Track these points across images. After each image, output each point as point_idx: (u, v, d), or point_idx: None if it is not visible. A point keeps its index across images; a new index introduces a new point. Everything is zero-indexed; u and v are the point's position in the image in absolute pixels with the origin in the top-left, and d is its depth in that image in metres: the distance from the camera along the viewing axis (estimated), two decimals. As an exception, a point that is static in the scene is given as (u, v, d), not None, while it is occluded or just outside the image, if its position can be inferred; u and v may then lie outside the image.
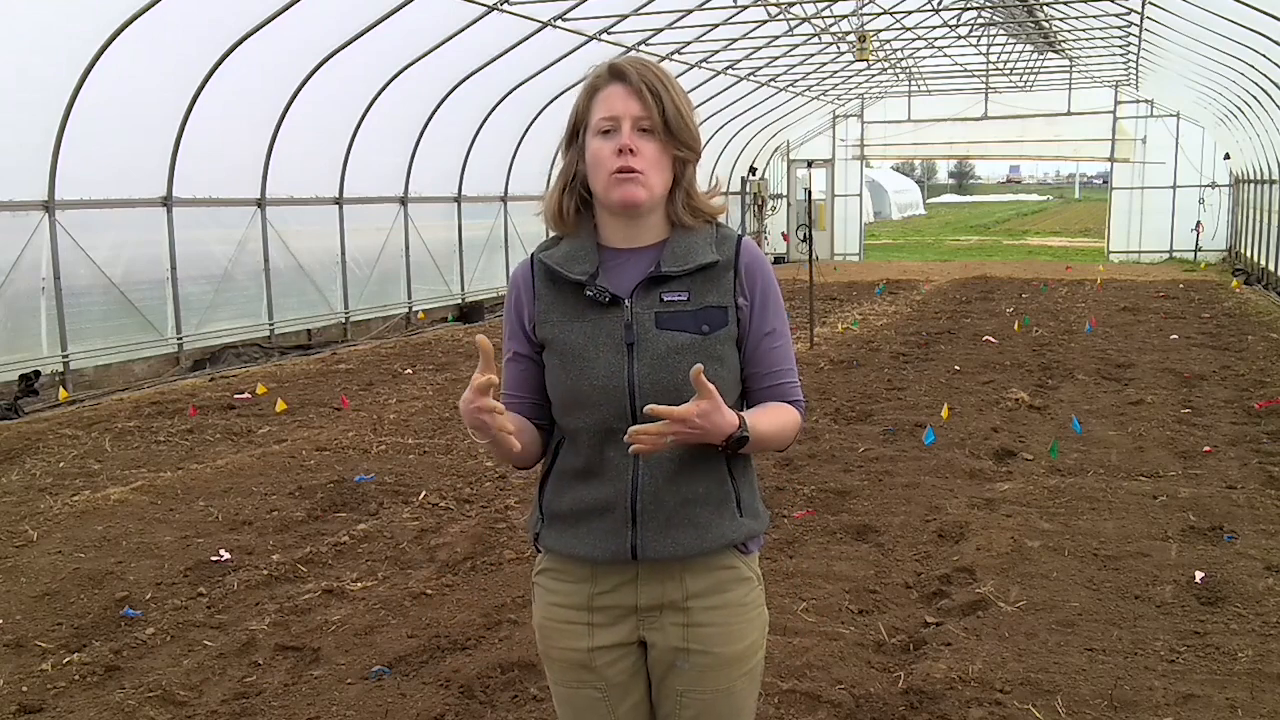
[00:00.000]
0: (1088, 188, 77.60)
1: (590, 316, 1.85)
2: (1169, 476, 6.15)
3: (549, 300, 1.89)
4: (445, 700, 3.60)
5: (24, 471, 6.71)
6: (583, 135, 1.87)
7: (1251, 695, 3.52)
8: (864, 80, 21.52)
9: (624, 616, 1.91)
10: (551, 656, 1.97)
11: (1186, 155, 21.42)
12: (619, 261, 1.88)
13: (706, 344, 1.83)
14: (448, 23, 11.49)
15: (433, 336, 12.98)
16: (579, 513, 1.88)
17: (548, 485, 1.94)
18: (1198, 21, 12.47)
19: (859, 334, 12.30)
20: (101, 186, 9.64)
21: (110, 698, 3.68)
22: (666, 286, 1.84)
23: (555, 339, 1.87)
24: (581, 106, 1.88)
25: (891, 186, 53.40)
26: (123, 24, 8.82)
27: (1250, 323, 12.43)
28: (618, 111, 1.81)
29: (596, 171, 1.83)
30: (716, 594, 1.90)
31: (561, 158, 1.94)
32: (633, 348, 1.82)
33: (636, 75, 1.82)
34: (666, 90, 1.82)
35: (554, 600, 1.94)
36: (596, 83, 1.87)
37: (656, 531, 1.83)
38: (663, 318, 1.82)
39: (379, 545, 5.22)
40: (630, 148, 1.79)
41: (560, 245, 1.92)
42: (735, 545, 1.90)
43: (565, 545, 1.90)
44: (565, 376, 1.85)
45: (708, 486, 1.86)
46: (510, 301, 1.96)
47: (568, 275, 1.86)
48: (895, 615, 4.29)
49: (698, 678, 1.90)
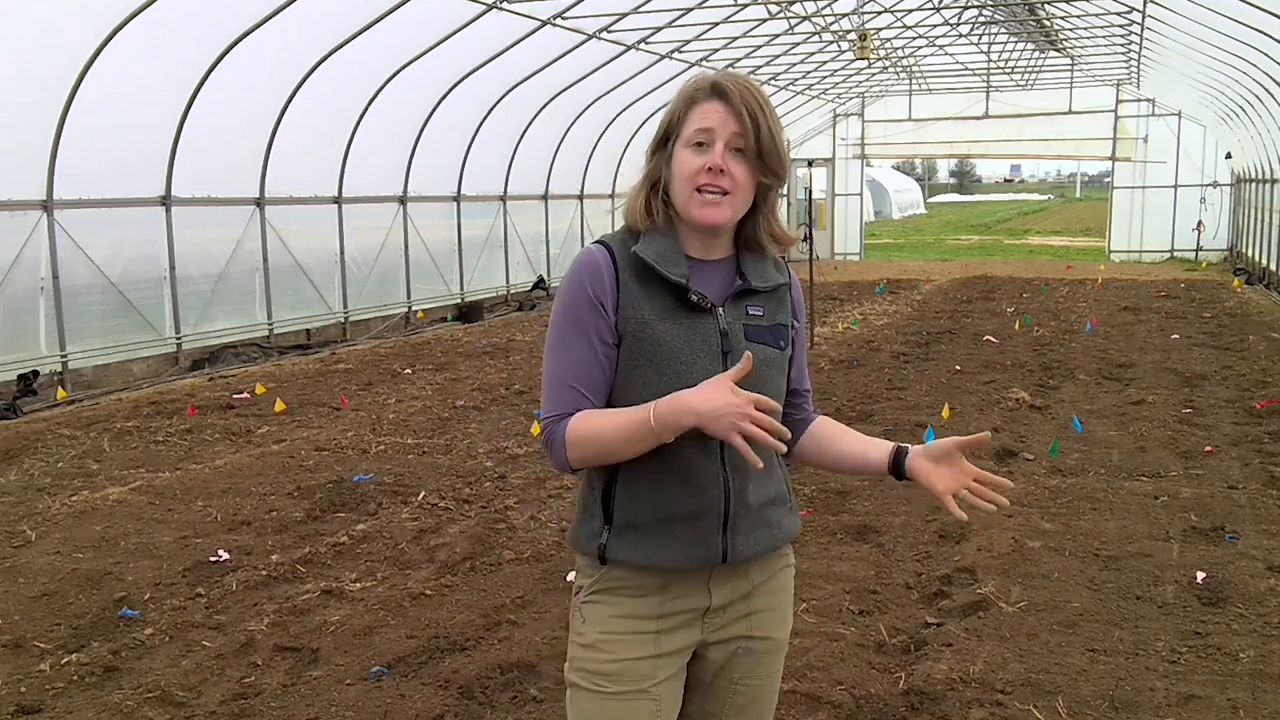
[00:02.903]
0: (1089, 187, 77.56)
1: (683, 320, 1.83)
2: (1170, 477, 6.14)
3: (638, 295, 1.83)
4: (444, 701, 3.59)
5: (22, 471, 6.69)
6: (672, 144, 1.86)
7: (1253, 696, 3.50)
8: (864, 79, 21.51)
9: (692, 620, 1.90)
10: (604, 671, 1.86)
11: (1188, 154, 21.40)
12: (700, 270, 1.88)
13: (782, 359, 1.92)
14: (447, 21, 11.48)
15: (432, 336, 12.97)
16: (663, 521, 1.83)
17: (616, 494, 1.86)
18: (1199, 20, 12.46)
19: (859, 333, 12.28)
20: (100, 186, 9.62)
21: (109, 698, 3.67)
22: (750, 300, 1.90)
23: (645, 337, 1.82)
24: (677, 115, 1.86)
25: (892, 186, 53.37)
26: (121, 23, 8.81)
27: (1251, 322, 12.41)
28: (713, 126, 1.80)
29: (681, 183, 1.83)
30: (773, 581, 1.98)
31: (646, 161, 1.92)
32: (728, 356, 1.84)
33: (738, 95, 1.81)
34: (764, 114, 1.81)
35: (618, 613, 1.88)
36: (696, 95, 1.85)
37: (744, 534, 1.87)
38: (750, 330, 1.88)
39: (378, 546, 5.21)
40: (721, 167, 1.80)
41: (648, 241, 1.86)
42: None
43: (644, 556, 1.84)
44: (658, 378, 1.81)
45: (776, 487, 1.94)
46: (582, 288, 1.84)
47: (668, 276, 1.83)
48: (896, 616, 4.28)
49: (755, 664, 1.96)
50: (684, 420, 1.72)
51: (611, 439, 1.78)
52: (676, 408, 1.72)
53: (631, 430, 1.76)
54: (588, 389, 1.83)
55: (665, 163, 1.87)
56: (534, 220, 16.83)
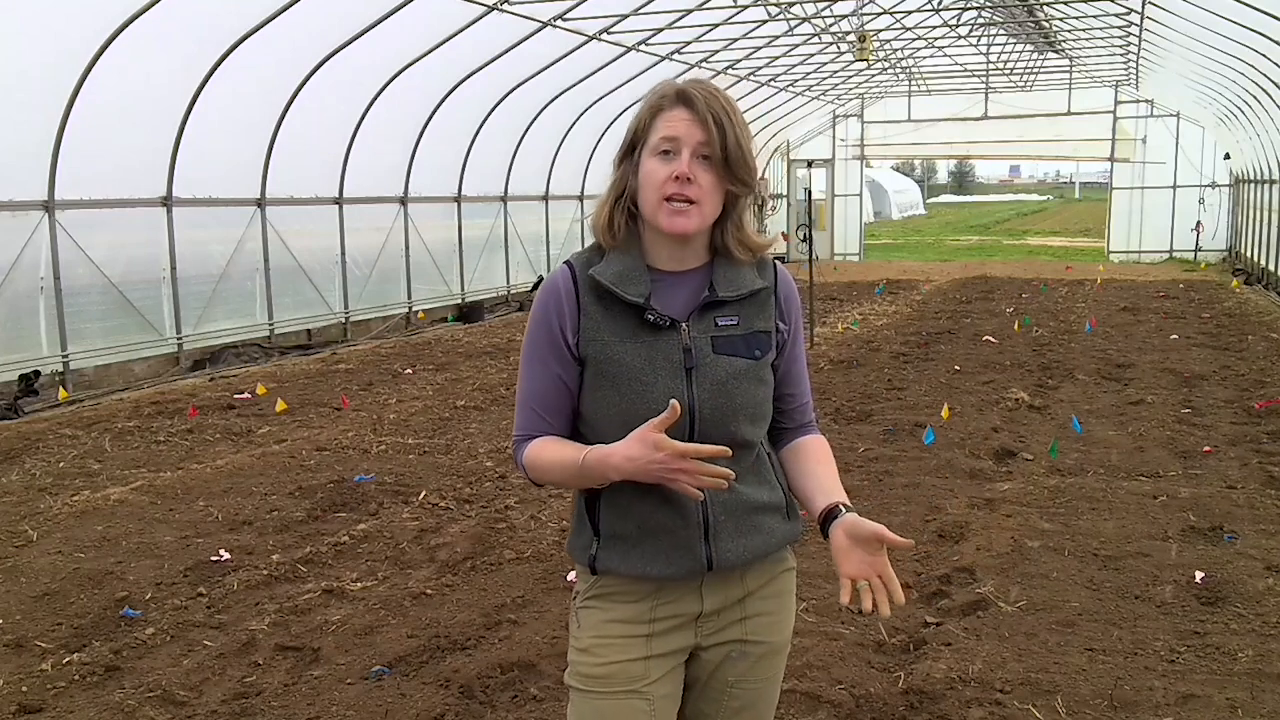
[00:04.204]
0: (1088, 188, 77.55)
1: (644, 338, 1.82)
2: (1169, 476, 6.15)
3: (598, 317, 1.84)
4: (445, 700, 3.60)
5: (24, 471, 6.70)
6: (639, 152, 1.85)
7: (1252, 695, 3.51)
8: (864, 80, 21.52)
9: (685, 624, 1.91)
10: (597, 675, 1.88)
11: (1186, 155, 21.41)
12: (667, 284, 1.87)
13: (758, 368, 1.88)
14: (448, 22, 11.49)
15: (432, 336, 12.98)
16: (646, 531, 1.85)
17: (600, 507, 1.88)
18: (1198, 21, 12.47)
19: (859, 334, 12.29)
20: (101, 186, 9.64)
21: (110, 698, 3.68)
22: (720, 311, 1.87)
23: (606, 358, 1.82)
24: (643, 123, 1.85)
25: (891, 186, 53.39)
26: (123, 24, 8.82)
27: (1250, 323, 12.43)
28: (679, 135, 1.80)
29: (648, 192, 1.82)
30: (771, 585, 1.96)
31: (614, 170, 1.90)
32: (692, 372, 1.82)
33: (703, 103, 1.80)
34: (730, 121, 1.80)
35: (611, 618, 1.89)
36: (661, 103, 1.83)
37: (729, 541, 1.86)
38: (718, 342, 1.85)
39: (379, 545, 5.22)
40: (688, 175, 1.79)
41: (609, 261, 1.86)
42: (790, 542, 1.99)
43: (631, 566, 1.85)
44: (619, 398, 1.81)
45: (768, 494, 1.92)
46: (545, 313, 1.87)
47: (625, 296, 1.82)
48: (895, 615, 4.28)
49: (751, 668, 1.95)
50: (610, 475, 1.76)
51: (553, 472, 1.85)
52: (603, 461, 1.76)
53: (567, 470, 1.82)
54: (546, 411, 1.88)
55: (633, 172, 1.86)
56: (534, 221, 16.85)
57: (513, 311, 15.29)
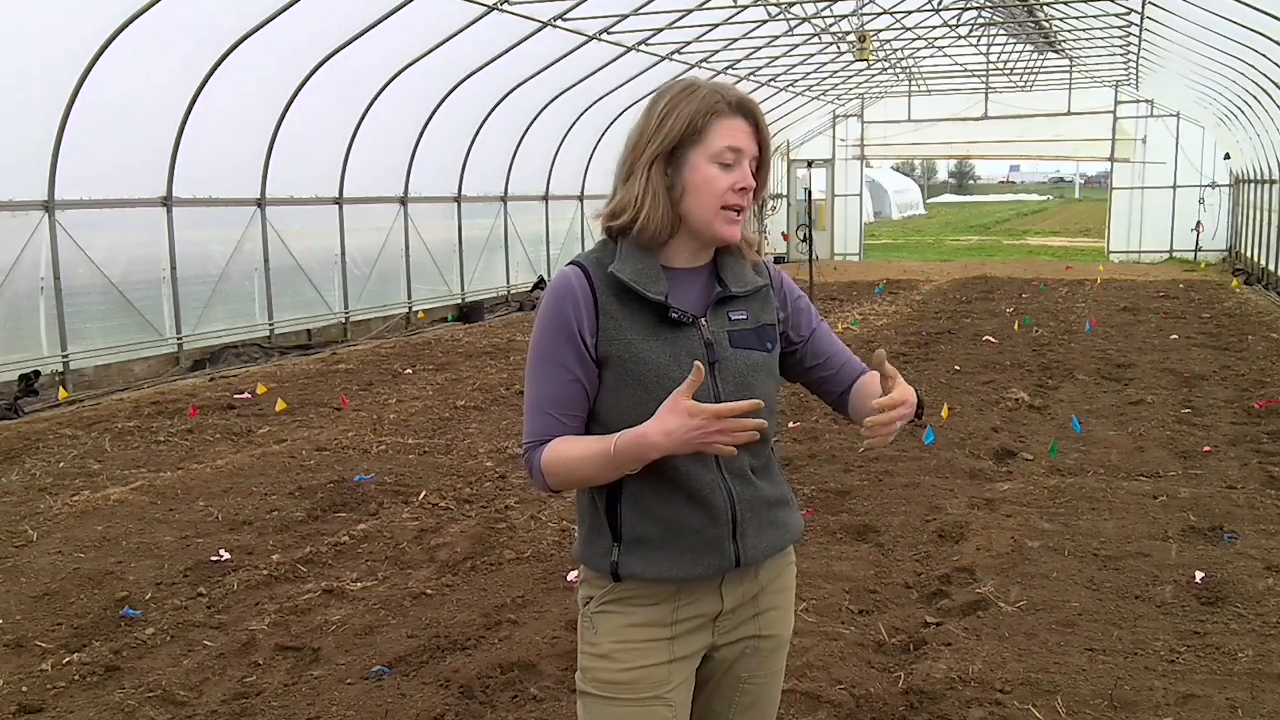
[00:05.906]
0: (1088, 188, 77.57)
1: (665, 335, 1.83)
2: (1169, 476, 6.15)
3: (619, 317, 1.82)
4: (445, 700, 3.60)
5: (24, 471, 6.71)
6: (686, 151, 1.83)
7: (1252, 695, 3.51)
8: (864, 80, 21.52)
9: (704, 625, 1.91)
10: (619, 680, 1.86)
11: (1186, 155, 21.41)
12: (678, 280, 1.88)
13: (770, 361, 1.93)
14: (448, 22, 11.50)
15: (432, 336, 12.98)
16: (671, 532, 1.84)
17: (622, 510, 1.85)
18: (1198, 21, 12.47)
19: (859, 334, 12.29)
20: (101, 186, 9.64)
21: (110, 698, 3.68)
22: (731, 306, 1.91)
23: (631, 357, 1.81)
24: (696, 125, 1.81)
25: (891, 186, 53.39)
26: (123, 24, 8.82)
27: (1250, 323, 12.43)
28: (742, 146, 1.83)
29: (706, 198, 1.83)
30: (779, 579, 2.01)
31: (643, 164, 1.83)
32: (715, 366, 1.84)
33: (760, 120, 1.87)
34: (768, 136, 1.90)
35: (632, 622, 1.87)
36: (719, 108, 1.82)
37: (754, 536, 1.89)
38: (735, 336, 1.88)
39: (379, 545, 5.22)
40: (752, 188, 1.86)
41: (624, 259, 1.84)
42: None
43: (656, 570, 1.84)
44: (647, 396, 1.79)
45: (777, 489, 1.95)
46: (560, 314, 1.82)
47: (647, 295, 1.82)
48: (895, 615, 4.29)
49: (762, 662, 1.99)
50: (648, 454, 1.73)
51: (580, 469, 1.80)
52: (639, 442, 1.72)
53: (596, 462, 1.78)
54: (563, 415, 1.84)
55: (677, 171, 1.84)
56: (534, 221, 16.85)
57: (513, 312, 15.29)
